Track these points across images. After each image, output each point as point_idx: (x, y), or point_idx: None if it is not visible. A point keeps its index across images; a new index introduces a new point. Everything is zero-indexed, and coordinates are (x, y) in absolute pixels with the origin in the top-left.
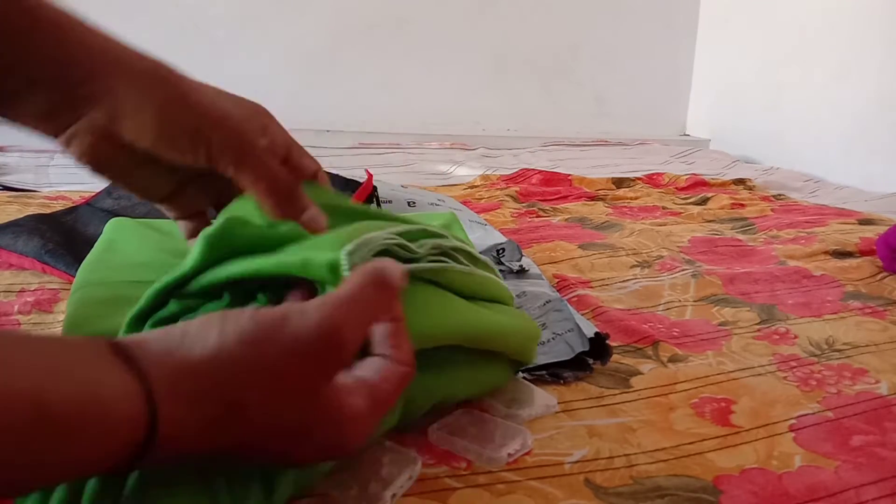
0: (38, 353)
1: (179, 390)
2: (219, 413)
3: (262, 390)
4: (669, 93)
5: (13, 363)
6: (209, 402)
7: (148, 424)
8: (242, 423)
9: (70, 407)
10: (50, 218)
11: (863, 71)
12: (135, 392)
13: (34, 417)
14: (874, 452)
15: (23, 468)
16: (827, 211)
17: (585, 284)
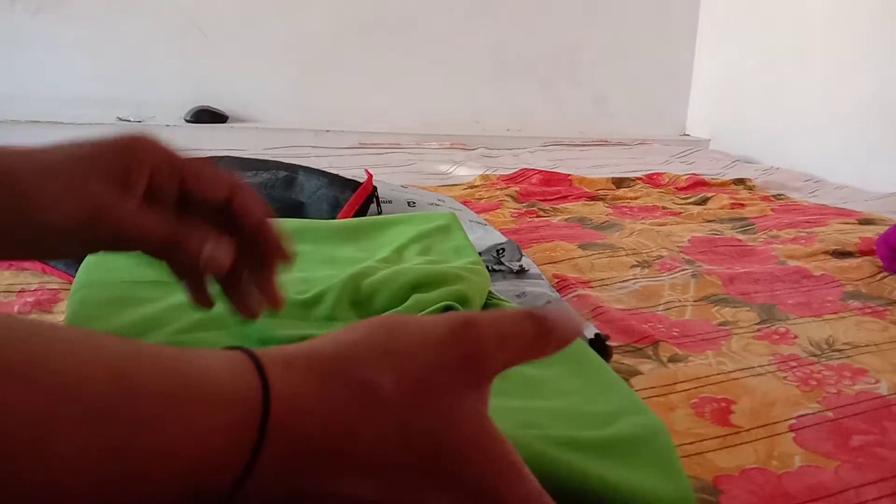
0: (115, 340)
1: (295, 367)
2: (345, 395)
3: (394, 370)
4: (669, 93)
5: (87, 343)
6: (333, 381)
7: (260, 399)
8: (375, 413)
9: (163, 379)
10: None
11: (863, 71)
12: (237, 360)
13: (115, 391)
14: (874, 452)
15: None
16: (827, 211)
17: (585, 284)
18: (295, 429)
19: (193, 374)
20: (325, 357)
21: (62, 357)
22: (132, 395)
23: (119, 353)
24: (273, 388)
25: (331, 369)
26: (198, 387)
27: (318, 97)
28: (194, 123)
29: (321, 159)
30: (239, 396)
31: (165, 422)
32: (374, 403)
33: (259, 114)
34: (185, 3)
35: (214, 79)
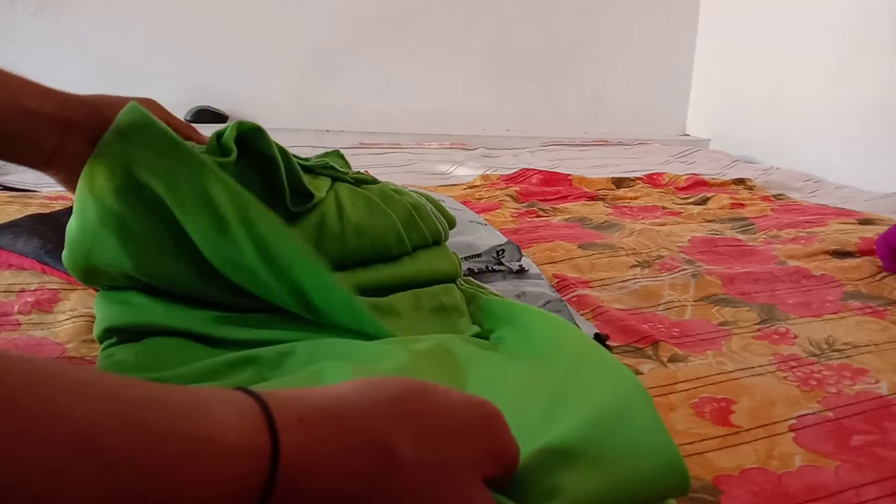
0: (144, 384)
1: (308, 418)
2: (361, 458)
3: (413, 437)
4: (669, 93)
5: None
6: (350, 441)
7: (269, 456)
8: (390, 480)
9: (174, 427)
10: (50, 218)
11: (863, 71)
12: (250, 412)
13: (129, 442)
14: (874, 452)
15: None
16: (827, 211)
17: (585, 284)
18: (303, 488)
19: (205, 425)
20: (344, 415)
21: (76, 405)
22: (145, 446)
23: (132, 400)
24: (283, 448)
25: (349, 428)
26: (208, 440)
27: (318, 97)
28: (194, 123)
29: None
30: (248, 452)
31: (176, 473)
32: (389, 470)
33: (259, 114)
34: (185, 3)
35: (214, 79)
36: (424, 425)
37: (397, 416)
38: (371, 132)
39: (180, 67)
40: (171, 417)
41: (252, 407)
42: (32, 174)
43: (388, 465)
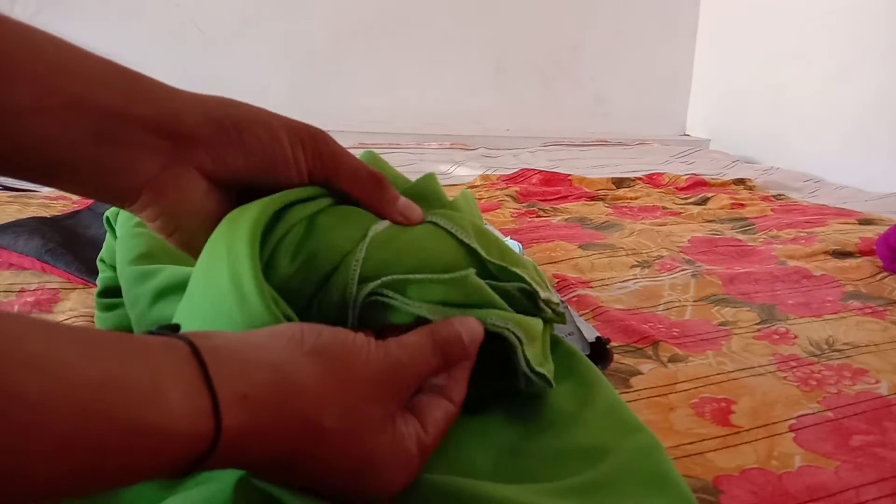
0: (99, 352)
1: (252, 395)
2: (293, 432)
3: (338, 409)
4: (669, 93)
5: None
6: (282, 416)
7: (211, 438)
8: (317, 441)
9: (128, 414)
10: (51, 221)
11: (863, 71)
12: (197, 396)
13: (85, 427)
14: (874, 452)
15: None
16: (827, 211)
17: (585, 284)
18: (235, 459)
19: (156, 413)
20: (281, 391)
21: (34, 391)
22: (98, 432)
23: (88, 384)
24: (224, 430)
25: (283, 405)
26: (158, 428)
27: (318, 97)
28: None
29: None
30: (194, 437)
31: (126, 456)
32: (316, 441)
33: None
34: (185, 3)
35: (214, 79)
36: (345, 397)
37: (325, 392)
38: (371, 132)
39: (180, 67)
40: (125, 403)
41: (199, 388)
42: None
43: (316, 437)
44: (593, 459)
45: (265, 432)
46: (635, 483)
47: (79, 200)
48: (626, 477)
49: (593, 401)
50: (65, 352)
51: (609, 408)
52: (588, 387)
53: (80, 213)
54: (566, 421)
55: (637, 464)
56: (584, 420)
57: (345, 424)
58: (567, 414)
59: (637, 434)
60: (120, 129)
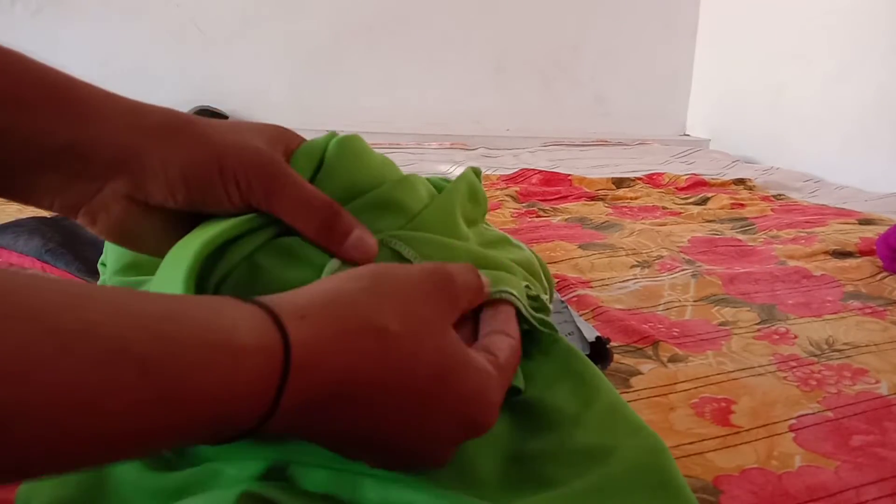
0: (158, 297)
1: (309, 314)
2: (362, 340)
3: (396, 313)
4: (669, 93)
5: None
6: (347, 328)
7: (281, 350)
8: (387, 346)
9: (195, 335)
10: (51, 221)
11: (863, 71)
12: (258, 316)
13: (159, 351)
14: (874, 452)
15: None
16: (827, 211)
17: (585, 284)
18: (315, 374)
19: (222, 332)
20: (338, 306)
21: (109, 325)
22: (172, 353)
23: (155, 315)
24: (293, 343)
25: (343, 317)
26: (226, 344)
27: (317, 97)
28: None
29: None
30: (262, 350)
31: (200, 375)
32: (385, 345)
33: (259, 114)
34: (185, 3)
35: (214, 79)
36: (400, 301)
37: (379, 299)
38: (371, 132)
39: (180, 67)
40: (191, 327)
41: (258, 312)
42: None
43: (384, 340)
44: (597, 460)
45: (332, 343)
46: (640, 488)
47: None
48: (631, 481)
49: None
50: (136, 297)
51: (611, 407)
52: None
53: None
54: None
55: (642, 466)
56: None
57: (408, 328)
58: (568, 415)
59: (640, 434)
60: (45, 156)
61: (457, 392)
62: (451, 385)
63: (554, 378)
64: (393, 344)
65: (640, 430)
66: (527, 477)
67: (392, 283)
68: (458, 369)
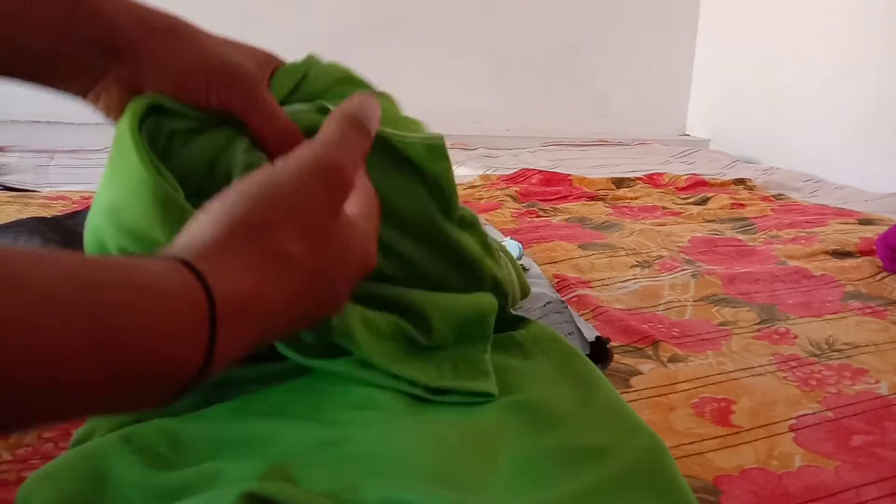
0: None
1: (219, 257)
2: (267, 262)
3: (292, 229)
4: (669, 93)
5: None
6: (252, 257)
7: (204, 292)
8: (290, 266)
9: (121, 281)
10: (51, 221)
11: (863, 71)
12: (175, 268)
13: (87, 297)
14: (874, 452)
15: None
16: (827, 211)
17: (585, 284)
18: (237, 310)
19: (146, 276)
20: (237, 236)
21: (38, 276)
22: (97, 299)
23: (83, 267)
24: (211, 285)
25: (247, 243)
26: (153, 286)
27: None
28: None
29: None
30: (186, 289)
31: (135, 313)
32: (289, 272)
33: None
34: (185, 3)
35: None
36: (293, 215)
37: (272, 217)
38: None
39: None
40: (119, 274)
41: (168, 261)
42: (33, 174)
43: (286, 266)
44: (597, 459)
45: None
46: (640, 487)
47: (78, 200)
48: (631, 480)
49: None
50: (61, 256)
51: (610, 407)
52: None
53: (79, 214)
54: (568, 421)
55: (641, 466)
56: (586, 420)
57: (309, 244)
58: (568, 414)
59: (640, 434)
60: (60, 44)
61: (350, 263)
62: (344, 265)
63: (554, 378)
64: (296, 272)
65: (639, 430)
66: (527, 476)
67: (281, 193)
68: (347, 250)
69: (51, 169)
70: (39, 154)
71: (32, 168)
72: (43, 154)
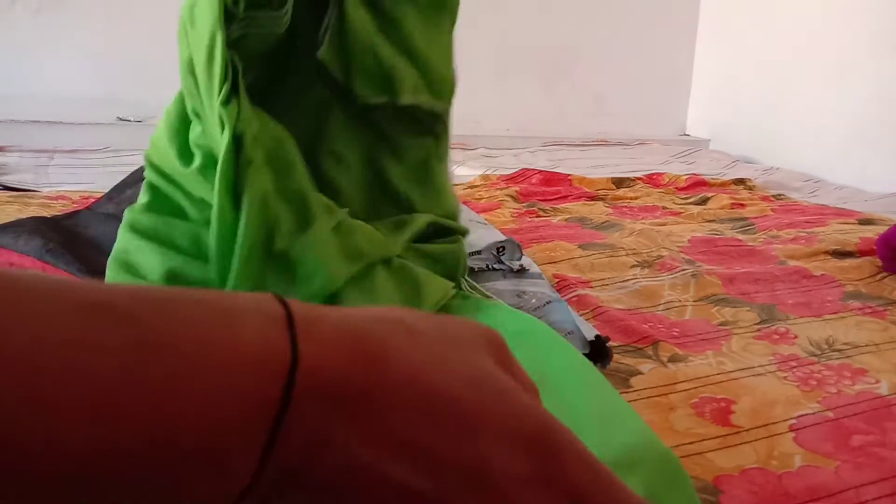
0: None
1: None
2: (379, 322)
3: (424, 322)
4: (669, 93)
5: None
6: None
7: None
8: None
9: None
10: (51, 221)
11: (863, 71)
12: (271, 303)
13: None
14: (874, 452)
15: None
16: (827, 211)
17: (585, 284)
18: (328, 347)
19: (211, 293)
20: (343, 312)
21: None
22: (160, 303)
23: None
24: (294, 308)
25: (353, 309)
26: (220, 302)
27: None
28: None
29: None
30: (260, 309)
31: (196, 325)
32: (411, 333)
33: None
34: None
35: None
36: (426, 319)
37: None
38: None
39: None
40: (182, 290)
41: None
42: (33, 174)
43: (406, 329)
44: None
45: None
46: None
47: (78, 200)
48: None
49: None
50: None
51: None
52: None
53: (79, 214)
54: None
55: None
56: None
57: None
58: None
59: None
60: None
61: (506, 408)
62: (495, 399)
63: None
64: (415, 335)
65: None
66: None
67: (414, 310)
68: (503, 385)
69: (51, 169)
70: (39, 154)
71: (32, 168)
72: (43, 154)
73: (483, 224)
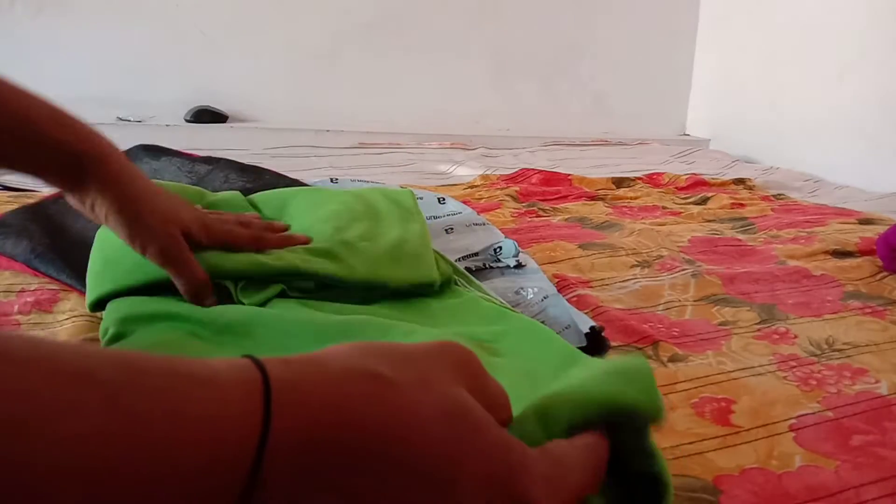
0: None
1: (291, 360)
2: (351, 381)
3: (392, 363)
4: (669, 93)
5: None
6: (334, 371)
7: (260, 381)
8: (381, 389)
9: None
10: (37, 212)
11: (863, 71)
12: (233, 360)
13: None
14: (874, 452)
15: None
16: (827, 211)
17: (585, 284)
18: (301, 412)
19: (193, 363)
20: (323, 355)
21: (72, 358)
22: (139, 381)
23: (124, 354)
24: (271, 375)
25: (329, 363)
26: (199, 371)
27: (317, 97)
28: (194, 123)
29: (321, 159)
30: (240, 380)
31: (173, 397)
32: (383, 388)
33: (259, 114)
34: (186, 3)
35: (214, 79)
36: (396, 355)
37: (369, 352)
38: (371, 132)
39: (180, 67)
40: (163, 360)
41: (233, 359)
42: None
43: (377, 383)
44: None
45: (317, 385)
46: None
47: None
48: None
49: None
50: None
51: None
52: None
53: (63, 197)
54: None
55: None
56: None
57: (405, 375)
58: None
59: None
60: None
61: (479, 449)
62: (469, 439)
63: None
64: (388, 388)
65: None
66: None
67: (386, 345)
68: (475, 421)
69: None
70: None
71: None
72: None
73: (483, 225)
